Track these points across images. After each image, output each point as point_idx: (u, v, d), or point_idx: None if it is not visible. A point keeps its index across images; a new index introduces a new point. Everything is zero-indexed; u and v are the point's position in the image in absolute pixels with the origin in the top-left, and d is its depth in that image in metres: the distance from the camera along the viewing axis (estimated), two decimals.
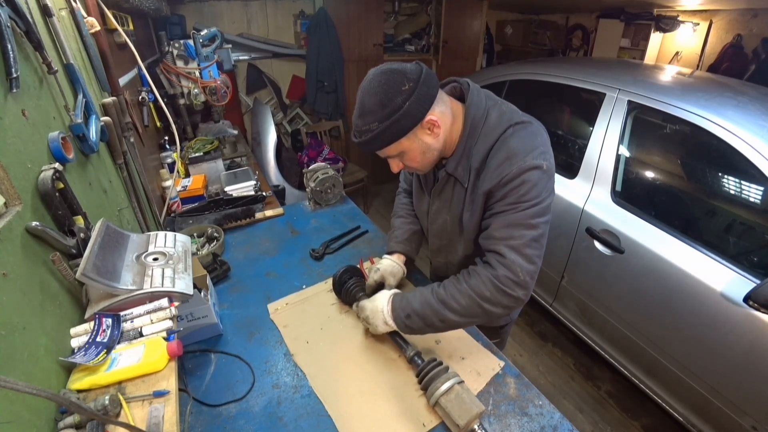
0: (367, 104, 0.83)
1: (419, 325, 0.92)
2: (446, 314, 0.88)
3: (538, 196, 0.85)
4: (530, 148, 0.85)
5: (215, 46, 2.33)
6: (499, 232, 0.87)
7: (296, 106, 3.99)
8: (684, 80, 1.90)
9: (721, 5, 2.98)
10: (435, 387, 0.84)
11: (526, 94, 2.38)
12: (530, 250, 0.85)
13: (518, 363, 2.20)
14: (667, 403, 1.68)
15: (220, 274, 1.30)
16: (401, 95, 0.80)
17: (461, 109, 0.93)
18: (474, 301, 0.86)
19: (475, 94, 0.92)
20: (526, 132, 0.88)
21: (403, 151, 0.89)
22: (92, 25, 1.20)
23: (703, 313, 1.44)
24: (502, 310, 0.87)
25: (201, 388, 0.95)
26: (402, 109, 0.80)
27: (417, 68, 0.84)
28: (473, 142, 0.91)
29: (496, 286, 0.85)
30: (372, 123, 0.82)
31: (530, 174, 0.83)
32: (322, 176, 1.69)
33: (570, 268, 1.97)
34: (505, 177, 0.84)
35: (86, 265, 0.70)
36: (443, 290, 0.91)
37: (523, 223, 0.85)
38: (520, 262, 0.84)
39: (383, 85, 0.81)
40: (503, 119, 0.90)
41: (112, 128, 1.15)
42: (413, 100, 0.81)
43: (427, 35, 4.39)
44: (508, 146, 0.86)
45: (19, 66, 0.69)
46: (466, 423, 0.79)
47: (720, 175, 1.62)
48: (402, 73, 0.82)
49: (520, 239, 0.85)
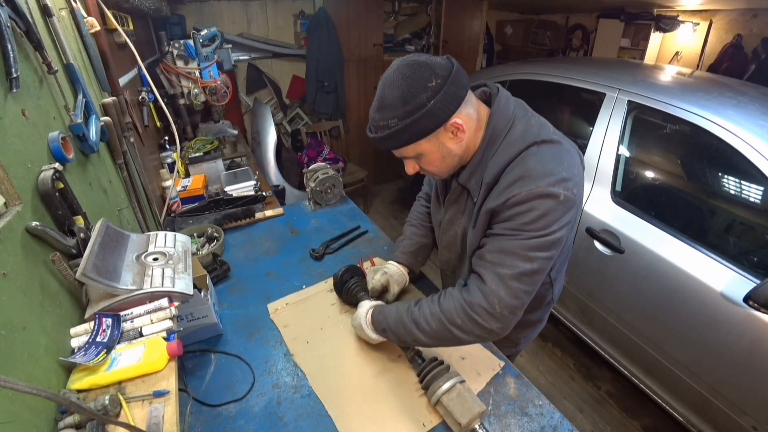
0: (387, 97, 0.75)
1: (394, 341, 0.92)
2: (417, 334, 0.85)
3: (545, 228, 0.75)
4: (549, 172, 0.75)
5: (215, 46, 2.33)
6: (491, 256, 0.79)
7: (296, 106, 3.99)
8: (684, 80, 1.90)
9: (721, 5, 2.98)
10: (436, 386, 0.84)
11: (526, 94, 2.35)
12: (517, 283, 0.76)
13: (518, 363, 2.20)
14: (667, 403, 1.68)
15: (220, 274, 1.30)
16: (426, 92, 0.72)
17: (486, 116, 0.84)
18: (444, 325, 0.81)
19: (503, 102, 0.83)
20: (550, 152, 0.78)
21: (422, 153, 0.81)
22: (92, 25, 1.19)
23: (703, 313, 1.44)
24: (474, 338, 0.81)
25: (201, 388, 0.95)
26: (425, 108, 0.73)
27: (447, 64, 0.76)
28: (490, 154, 0.82)
29: (467, 314, 0.79)
30: (391, 119, 0.75)
31: (540, 202, 0.74)
32: (322, 176, 1.69)
33: (570, 268, 1.96)
34: (512, 199, 0.76)
35: (86, 265, 0.70)
36: (418, 310, 0.86)
37: (518, 253, 0.76)
38: (500, 294, 0.76)
39: (407, 78, 0.73)
40: (528, 134, 0.80)
41: (112, 128, 1.15)
42: (439, 99, 0.73)
43: (427, 35, 4.39)
44: (524, 165, 0.77)
45: (19, 66, 0.69)
46: (467, 422, 0.79)
47: (720, 175, 1.62)
48: (430, 68, 0.73)
49: (510, 269, 0.76)
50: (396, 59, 0.78)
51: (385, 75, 0.78)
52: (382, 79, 0.78)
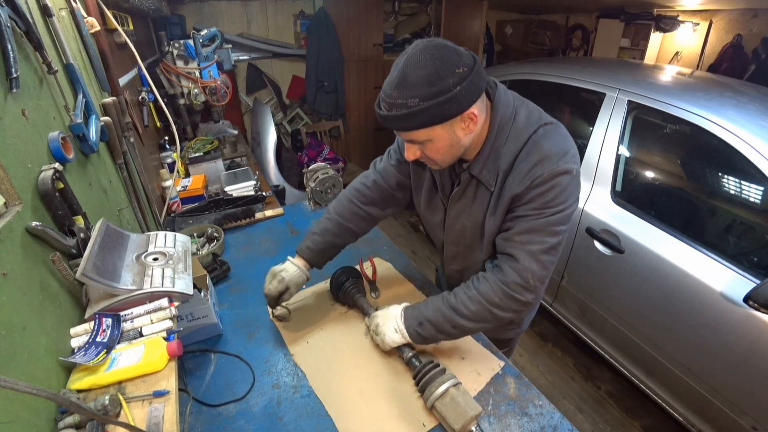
0: (410, 76, 0.72)
1: (431, 333, 0.91)
2: (458, 320, 0.87)
3: (565, 202, 0.81)
4: (563, 151, 0.81)
5: (215, 46, 2.33)
6: (520, 237, 0.84)
7: (296, 106, 3.99)
8: (684, 80, 1.90)
9: (721, 5, 2.98)
10: (430, 391, 0.84)
11: (526, 94, 2.34)
12: (546, 256, 0.83)
13: (518, 363, 2.20)
14: (667, 403, 1.68)
15: (220, 274, 1.30)
16: (454, 77, 0.72)
17: (488, 108, 0.85)
18: (484, 307, 0.85)
19: (503, 93, 0.87)
20: (557, 133, 0.84)
21: (431, 139, 0.80)
22: (92, 25, 1.20)
23: (703, 313, 1.44)
24: (513, 314, 0.87)
25: (201, 388, 0.95)
26: (451, 93, 0.72)
27: (471, 54, 0.76)
28: (502, 143, 0.85)
29: (506, 293, 0.84)
30: (412, 98, 0.72)
31: (561, 179, 0.80)
32: (322, 176, 1.69)
33: (570, 268, 1.97)
34: (536, 180, 0.80)
35: (86, 265, 0.70)
36: (454, 297, 0.90)
37: (545, 230, 0.82)
38: (533, 269, 0.82)
39: (437, 59, 0.72)
40: (532, 119, 0.85)
41: (112, 128, 1.15)
42: (465, 86, 0.72)
43: (427, 35, 4.39)
44: (540, 148, 0.81)
45: (19, 66, 0.69)
46: (461, 427, 0.79)
47: (720, 175, 1.62)
48: (458, 54, 0.74)
49: (539, 245, 0.82)
50: (419, 40, 0.76)
51: (408, 53, 0.75)
52: (405, 56, 0.75)
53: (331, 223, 1.11)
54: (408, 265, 1.37)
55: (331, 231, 1.10)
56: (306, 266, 1.10)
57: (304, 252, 1.11)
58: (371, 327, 1.01)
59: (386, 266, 1.37)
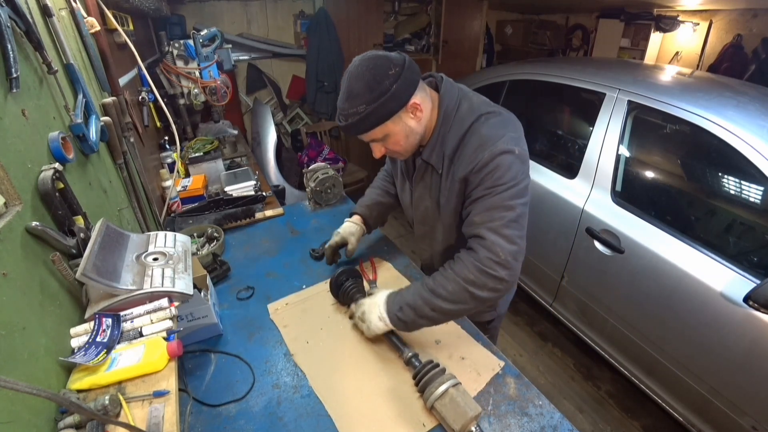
0: (354, 88, 0.86)
1: (411, 317, 0.92)
2: (436, 302, 0.90)
3: (514, 179, 0.88)
4: (500, 135, 0.90)
5: (215, 46, 2.33)
6: (479, 217, 0.91)
7: (296, 106, 3.99)
8: (684, 80, 1.90)
9: (721, 5, 2.98)
10: (430, 391, 0.84)
11: (526, 94, 2.38)
12: (509, 230, 0.87)
13: (518, 363, 2.20)
14: (667, 403, 1.68)
15: (220, 274, 1.30)
16: (388, 78, 0.84)
17: (437, 99, 0.98)
18: (460, 285, 0.88)
19: (448, 86, 0.98)
20: (496, 120, 0.93)
21: (388, 134, 0.93)
22: (92, 25, 1.20)
23: (703, 313, 1.44)
24: (489, 292, 0.88)
25: (201, 388, 0.95)
26: (389, 92, 0.84)
27: (401, 56, 0.89)
28: (446, 130, 0.96)
29: (479, 269, 0.87)
30: (359, 105, 0.85)
31: (502, 158, 0.88)
32: (322, 176, 1.69)
33: (570, 268, 1.97)
34: (479, 163, 0.89)
35: (86, 265, 0.70)
36: (432, 280, 0.94)
37: (501, 205, 0.88)
38: (501, 243, 0.87)
39: (371, 69, 0.85)
40: (474, 108, 0.95)
41: (112, 128, 1.15)
42: (400, 83, 0.85)
43: (427, 35, 4.39)
44: (479, 134, 0.91)
45: (19, 66, 0.69)
46: (460, 427, 0.78)
47: (720, 175, 1.62)
48: (388, 59, 0.86)
49: (499, 221, 0.88)
50: (356, 57, 0.89)
51: (349, 70, 0.89)
52: (346, 73, 0.89)
53: (374, 188, 1.37)
54: (408, 265, 1.37)
55: (375, 192, 1.35)
56: (359, 220, 1.31)
57: (357, 209, 1.34)
58: (357, 314, 1.04)
59: (386, 266, 1.37)
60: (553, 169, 2.05)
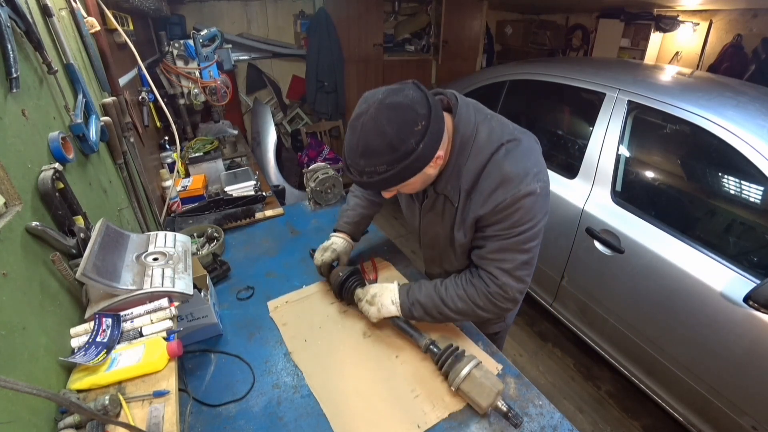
0: (372, 144, 0.73)
1: (420, 314, 0.99)
2: (444, 310, 0.96)
3: (531, 220, 0.85)
4: (524, 172, 0.82)
5: (215, 46, 2.33)
6: (492, 255, 0.90)
7: (296, 106, 3.99)
8: (684, 80, 1.90)
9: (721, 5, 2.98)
10: (455, 373, 0.88)
11: (526, 94, 2.38)
12: (520, 272, 0.89)
13: (518, 363, 2.20)
14: (667, 403, 1.68)
15: (220, 274, 1.30)
16: (415, 136, 0.72)
17: (450, 123, 0.86)
18: (469, 306, 0.94)
19: (464, 109, 0.87)
20: (519, 152, 0.85)
21: (406, 185, 0.83)
22: (92, 25, 1.19)
23: (703, 313, 1.44)
24: (494, 315, 0.96)
25: (201, 388, 0.95)
26: (416, 152, 0.73)
27: (423, 98, 0.75)
28: (463, 161, 0.86)
29: (489, 299, 0.92)
30: (379, 165, 0.74)
31: (525, 201, 0.82)
32: (322, 176, 1.69)
33: (570, 268, 1.97)
34: (499, 205, 0.83)
35: (86, 265, 0.70)
36: (444, 290, 0.96)
37: (515, 248, 0.87)
38: (511, 283, 0.89)
39: (394, 123, 0.72)
40: (493, 137, 0.85)
41: (112, 128, 1.15)
42: (427, 141, 0.74)
43: (427, 35, 4.39)
44: (500, 170, 0.83)
45: (19, 66, 0.69)
46: (488, 404, 0.84)
47: (720, 175, 1.62)
48: (413, 110, 0.73)
49: (511, 263, 0.88)
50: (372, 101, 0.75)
51: (363, 121, 0.74)
52: (360, 124, 0.74)
53: (358, 199, 1.30)
54: (408, 265, 1.37)
55: (360, 205, 1.29)
56: (348, 237, 1.27)
57: (342, 227, 1.28)
58: (366, 297, 1.06)
59: (386, 266, 1.37)
60: (553, 169, 2.05)
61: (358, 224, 1.29)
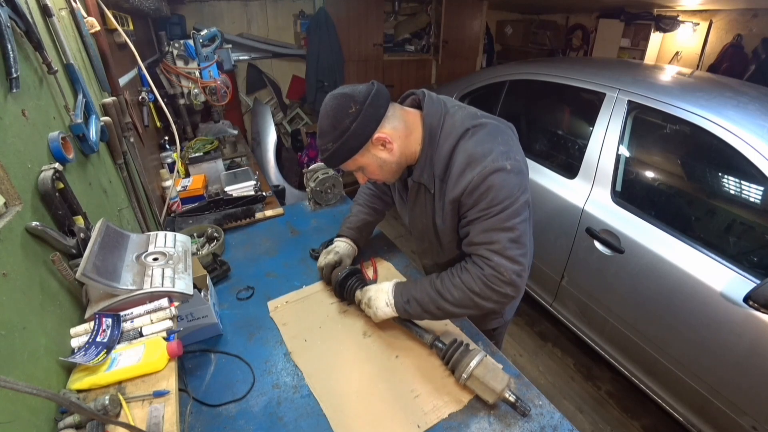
0: (322, 125, 0.90)
1: (417, 311, 0.98)
2: (442, 303, 0.94)
3: (509, 197, 0.86)
4: (488, 151, 0.87)
5: (215, 46, 2.33)
6: (478, 238, 0.90)
7: (296, 106, 3.99)
8: (684, 80, 1.90)
9: (721, 5, 2.98)
10: (462, 367, 0.89)
11: (526, 94, 2.38)
12: (511, 251, 0.88)
13: (518, 363, 2.20)
14: (667, 403, 1.68)
15: (220, 274, 1.30)
16: (348, 117, 0.87)
17: (419, 119, 0.95)
18: (466, 294, 0.91)
19: (430, 104, 0.95)
20: (483, 133, 0.91)
21: (361, 166, 0.96)
22: (92, 25, 1.19)
23: (703, 313, 1.44)
24: (494, 303, 0.92)
25: (201, 388, 0.95)
26: (349, 131, 0.87)
27: (366, 90, 0.89)
28: (434, 150, 0.94)
29: (485, 284, 0.89)
30: (328, 143, 0.90)
31: (494, 177, 0.85)
32: (322, 176, 1.69)
33: (570, 268, 1.97)
34: (469, 184, 0.87)
35: (86, 265, 0.70)
36: (440, 282, 0.96)
37: (499, 227, 0.88)
38: (504, 263, 0.87)
39: (334, 108, 0.88)
40: (459, 124, 0.92)
41: (112, 128, 1.15)
42: (359, 122, 0.87)
43: (427, 35, 4.39)
44: (465, 151, 0.89)
45: (19, 66, 0.69)
46: (496, 396, 0.85)
47: (720, 175, 1.62)
48: (350, 97, 0.88)
49: (499, 243, 0.88)
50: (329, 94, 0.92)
51: (321, 107, 0.92)
52: (321, 108, 0.92)
53: (361, 206, 1.35)
54: (408, 265, 1.37)
55: (362, 211, 1.34)
56: (352, 242, 1.30)
57: (345, 232, 1.32)
58: (363, 300, 1.08)
59: (386, 266, 1.37)
60: (553, 169, 2.05)
61: (361, 230, 1.32)
